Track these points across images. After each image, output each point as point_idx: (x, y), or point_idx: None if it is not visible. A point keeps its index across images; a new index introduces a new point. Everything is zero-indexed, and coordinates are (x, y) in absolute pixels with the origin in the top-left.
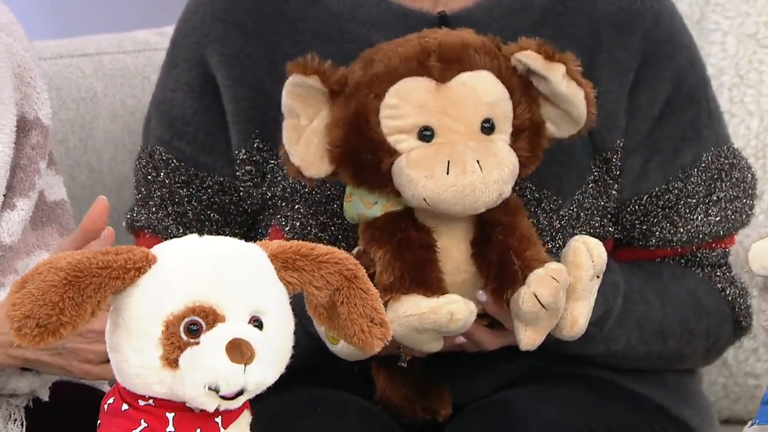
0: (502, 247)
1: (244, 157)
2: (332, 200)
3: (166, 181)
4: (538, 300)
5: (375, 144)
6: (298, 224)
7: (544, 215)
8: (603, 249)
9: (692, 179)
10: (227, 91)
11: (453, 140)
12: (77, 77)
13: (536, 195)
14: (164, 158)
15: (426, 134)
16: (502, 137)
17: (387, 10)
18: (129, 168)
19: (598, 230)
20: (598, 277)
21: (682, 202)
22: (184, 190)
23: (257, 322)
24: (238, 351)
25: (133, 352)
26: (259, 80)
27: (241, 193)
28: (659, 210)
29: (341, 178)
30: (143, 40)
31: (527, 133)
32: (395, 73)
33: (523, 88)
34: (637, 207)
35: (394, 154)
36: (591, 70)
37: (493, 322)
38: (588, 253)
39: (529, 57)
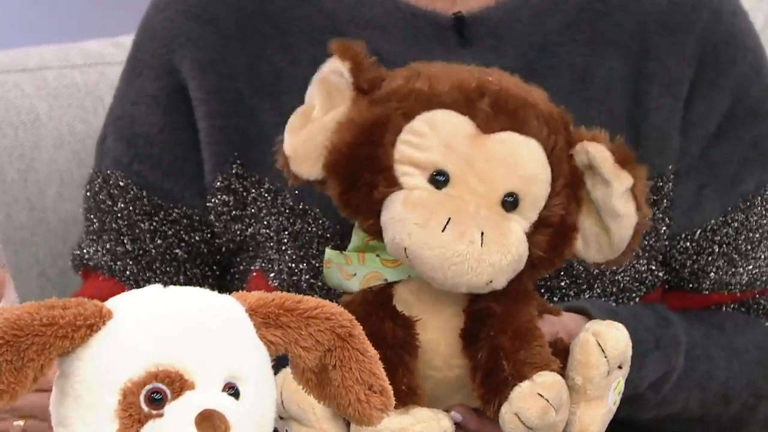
0: (492, 347)
1: (220, 185)
2: (329, 240)
3: (124, 213)
4: (522, 421)
5: (379, 166)
6: (285, 269)
7: (579, 259)
8: (622, 336)
9: (755, 210)
10: (201, 104)
11: (465, 198)
12: (15, 97)
13: None
14: (122, 185)
15: (439, 179)
16: (521, 221)
17: (393, 10)
18: (77, 205)
19: (644, 275)
20: (620, 367)
21: (743, 237)
22: (146, 223)
23: (232, 390)
24: (210, 425)
25: (83, 427)
26: (238, 92)
27: (215, 229)
28: (715, 247)
29: (327, 190)
30: (95, 52)
31: (551, 231)
32: (437, 98)
33: (571, 181)
34: (688, 244)
35: (393, 185)
36: (637, 80)
37: None
38: (599, 348)
39: (598, 152)
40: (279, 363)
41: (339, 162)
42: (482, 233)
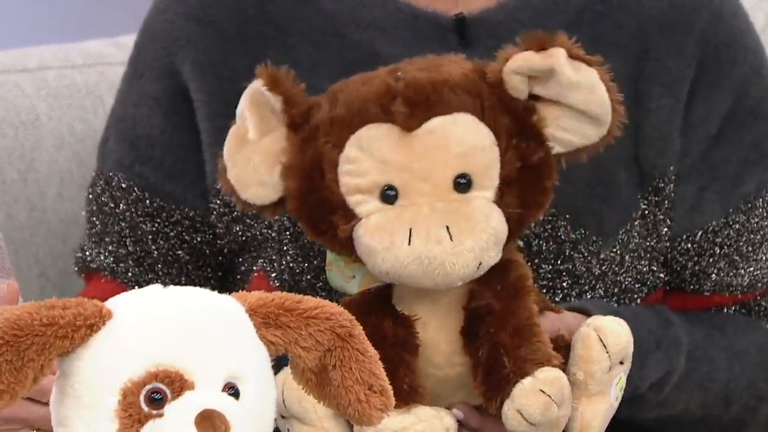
0: (492, 344)
1: (221, 186)
2: None
3: (126, 215)
4: (524, 418)
5: (331, 205)
6: (286, 270)
7: (582, 259)
8: (623, 331)
9: (756, 211)
10: (202, 106)
11: (418, 202)
12: (15, 97)
13: (572, 236)
14: (124, 186)
15: (389, 194)
16: (483, 194)
17: (394, 12)
18: (78, 205)
19: (646, 276)
20: (622, 363)
21: (744, 238)
22: (148, 225)
23: (232, 390)
24: (210, 424)
25: (83, 427)
26: (239, 94)
27: (217, 230)
28: (716, 248)
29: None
30: (95, 52)
31: (517, 186)
32: (357, 117)
33: (515, 127)
34: (689, 245)
35: (352, 218)
36: (638, 81)
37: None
38: (600, 343)
39: (518, 60)
40: (279, 363)
41: (297, 209)
42: (447, 227)
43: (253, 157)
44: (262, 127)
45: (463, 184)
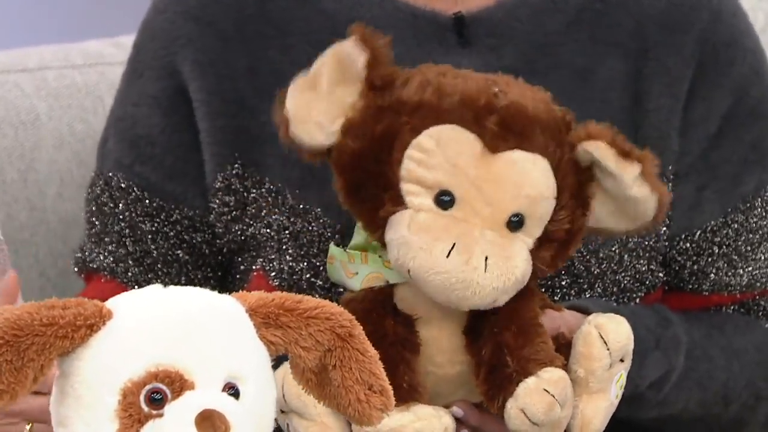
0: (495, 343)
1: (221, 185)
2: (330, 239)
3: (126, 215)
4: (527, 417)
5: (384, 183)
6: (286, 268)
7: (580, 258)
8: (624, 328)
9: (755, 211)
10: (201, 105)
11: (470, 221)
12: (15, 97)
13: None
14: (123, 186)
15: (444, 200)
16: (526, 239)
17: (393, 11)
18: (78, 205)
19: (644, 275)
20: (622, 360)
21: (743, 238)
22: (148, 224)
23: (232, 390)
24: (210, 425)
25: (83, 427)
26: (239, 93)
27: (217, 230)
28: (715, 248)
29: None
30: (95, 52)
31: (556, 245)
32: (446, 113)
33: (577, 188)
34: (688, 245)
35: (399, 204)
36: (637, 80)
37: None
38: (601, 340)
39: (599, 150)
40: (279, 363)
41: (345, 166)
42: (486, 258)
43: (318, 101)
44: (336, 79)
45: (515, 222)
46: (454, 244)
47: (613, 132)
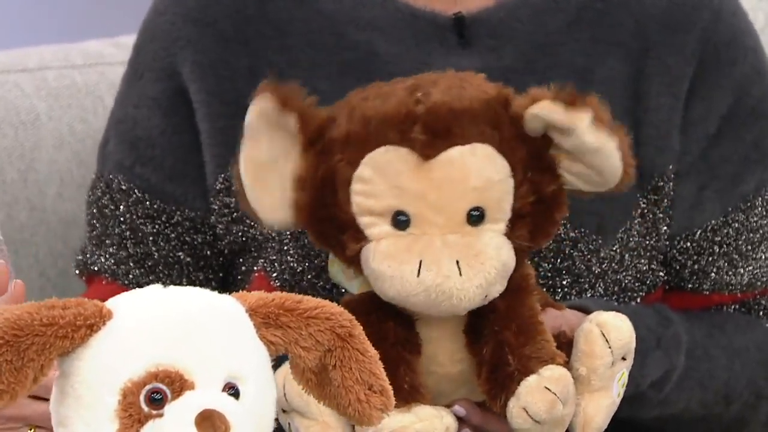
0: (496, 342)
1: (222, 186)
2: None
3: (127, 216)
4: (530, 416)
5: (341, 223)
6: (287, 269)
7: (581, 258)
8: (625, 326)
9: (755, 210)
10: (201, 106)
11: (430, 233)
12: (15, 97)
13: (572, 234)
14: (124, 188)
15: (401, 220)
16: (494, 227)
17: (393, 12)
18: (78, 205)
19: (645, 275)
20: (624, 358)
21: (744, 237)
22: (149, 226)
23: (232, 390)
24: (210, 425)
25: (83, 427)
26: (239, 94)
27: (217, 231)
28: (716, 247)
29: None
30: (95, 52)
31: (529, 219)
32: (373, 137)
33: (531, 159)
34: (689, 244)
35: (362, 239)
36: (638, 80)
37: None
38: (603, 338)
39: (545, 109)
40: (279, 363)
41: (306, 222)
42: (457, 261)
43: (272, 181)
44: (275, 148)
45: (476, 216)
46: (421, 261)
47: (556, 89)
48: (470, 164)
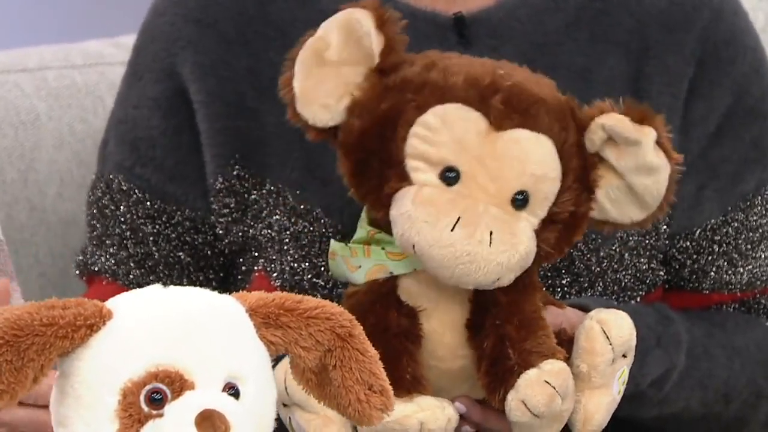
0: (497, 336)
1: (222, 187)
2: (330, 239)
3: (127, 217)
4: (528, 409)
5: (390, 160)
6: (287, 269)
7: (581, 257)
8: (626, 324)
9: (755, 209)
10: (202, 107)
11: (475, 197)
12: (15, 97)
13: None
14: (124, 189)
15: (449, 176)
16: (530, 218)
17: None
18: (78, 205)
19: (645, 274)
20: (624, 356)
21: (743, 236)
22: (149, 227)
23: (233, 390)
24: (210, 425)
25: (83, 427)
26: (240, 94)
27: (218, 231)
28: (715, 246)
29: (328, 142)
30: (95, 52)
31: (560, 227)
32: (451, 92)
33: (582, 172)
34: (688, 243)
35: (404, 180)
36: (638, 79)
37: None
38: (603, 335)
39: (613, 121)
40: (279, 363)
41: (351, 145)
42: (491, 232)
43: (327, 79)
44: (346, 53)
45: (519, 200)
46: (459, 218)
47: (625, 103)
48: (536, 151)
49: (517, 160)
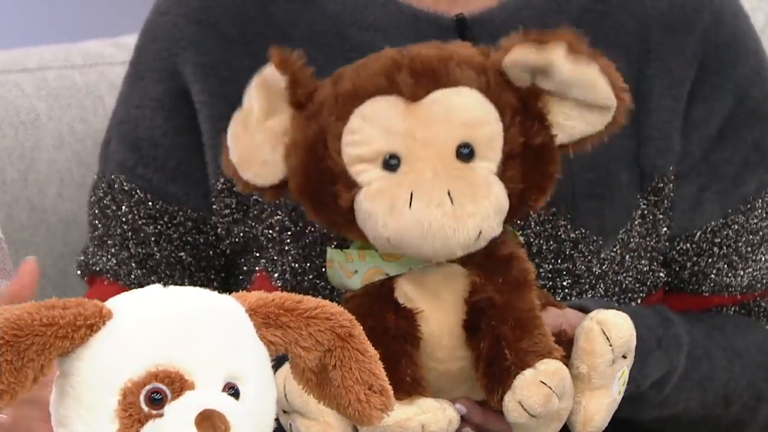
0: (493, 336)
1: (223, 187)
2: (331, 239)
3: (129, 217)
4: (525, 410)
5: (333, 175)
6: (288, 269)
7: (582, 259)
8: (626, 324)
9: (755, 212)
10: (203, 107)
11: (420, 168)
12: (15, 97)
13: (572, 235)
14: (126, 189)
15: (391, 163)
16: (485, 165)
17: (395, 13)
18: (78, 205)
19: (646, 276)
20: (624, 357)
21: (744, 239)
22: (151, 227)
23: (232, 390)
24: (210, 425)
25: (83, 427)
26: (241, 95)
27: (219, 232)
28: (715, 249)
29: (279, 197)
30: (95, 53)
31: (519, 161)
32: (362, 91)
33: (520, 106)
34: (688, 245)
35: (354, 187)
36: (639, 81)
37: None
38: (603, 336)
39: (515, 55)
40: (279, 363)
41: (300, 185)
42: (449, 191)
43: (256, 137)
44: (268, 108)
45: (465, 153)
46: (412, 193)
47: (523, 31)
48: (457, 103)
49: (443, 119)
